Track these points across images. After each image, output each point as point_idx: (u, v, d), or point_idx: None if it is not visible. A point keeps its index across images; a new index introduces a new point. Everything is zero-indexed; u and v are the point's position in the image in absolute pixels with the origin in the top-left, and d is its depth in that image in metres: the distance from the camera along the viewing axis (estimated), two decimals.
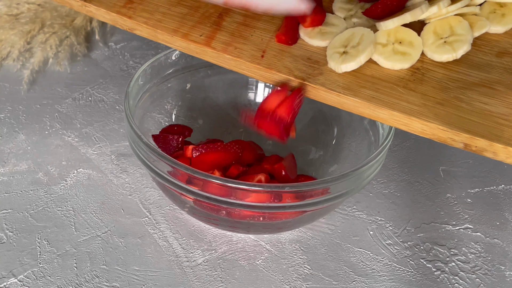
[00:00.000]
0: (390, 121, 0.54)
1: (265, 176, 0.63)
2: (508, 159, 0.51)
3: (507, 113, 0.53)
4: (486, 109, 0.53)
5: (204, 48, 0.59)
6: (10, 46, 0.89)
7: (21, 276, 0.62)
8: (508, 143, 0.50)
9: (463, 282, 0.64)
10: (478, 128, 0.52)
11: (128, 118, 0.63)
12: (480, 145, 0.51)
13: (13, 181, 0.71)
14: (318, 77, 0.56)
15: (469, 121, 0.52)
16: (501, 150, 0.51)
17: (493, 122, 0.52)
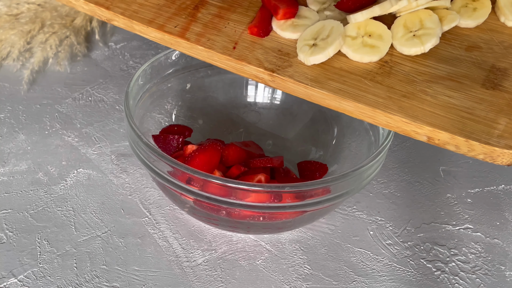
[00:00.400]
0: (356, 113, 0.54)
1: (265, 176, 0.63)
2: (470, 153, 0.51)
3: (471, 106, 0.53)
4: (450, 103, 0.53)
5: (178, 39, 0.59)
6: (10, 46, 0.89)
7: (21, 276, 0.62)
8: (470, 136, 0.51)
9: (463, 282, 0.64)
10: (441, 121, 0.52)
11: (128, 118, 0.63)
12: (442, 138, 0.52)
13: (13, 181, 0.71)
14: (287, 69, 0.56)
15: (432, 114, 0.52)
16: (462, 143, 0.51)
17: (457, 116, 0.52)
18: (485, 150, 0.50)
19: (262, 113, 0.78)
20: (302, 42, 0.57)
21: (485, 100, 0.53)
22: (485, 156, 0.51)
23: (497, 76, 0.56)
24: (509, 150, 0.50)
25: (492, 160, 0.51)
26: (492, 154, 0.50)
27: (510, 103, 0.53)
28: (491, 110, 0.53)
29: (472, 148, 0.51)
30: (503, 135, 0.50)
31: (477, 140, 0.50)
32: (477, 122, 0.51)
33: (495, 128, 0.51)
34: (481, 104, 0.53)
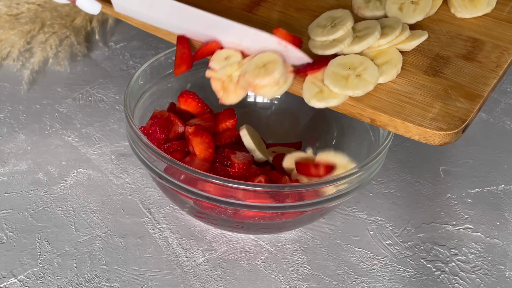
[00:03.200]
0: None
1: (265, 177, 0.63)
2: (407, 134, 0.56)
3: (411, 91, 0.58)
4: (393, 88, 0.58)
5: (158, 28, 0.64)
6: (10, 46, 0.89)
7: (21, 276, 0.62)
8: (406, 119, 0.55)
9: (463, 282, 0.64)
10: (382, 104, 0.57)
11: (128, 118, 0.63)
12: (383, 120, 0.56)
13: (13, 181, 0.71)
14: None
15: (376, 98, 0.57)
16: (400, 125, 0.56)
17: (397, 100, 0.57)
18: (419, 131, 0.55)
19: (262, 113, 0.78)
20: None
21: (425, 86, 0.58)
22: (420, 137, 0.56)
23: (440, 64, 0.60)
24: (440, 131, 0.55)
25: (426, 140, 0.56)
26: (425, 135, 0.55)
27: (446, 89, 0.58)
28: (429, 95, 0.57)
29: (408, 130, 0.56)
30: (436, 118, 0.55)
31: (412, 122, 0.55)
32: (414, 106, 0.56)
33: (430, 111, 0.56)
34: (420, 90, 0.58)
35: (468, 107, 0.56)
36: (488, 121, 0.84)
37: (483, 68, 0.60)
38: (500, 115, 0.85)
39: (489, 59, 0.61)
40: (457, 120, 0.55)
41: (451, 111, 0.56)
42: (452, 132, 0.55)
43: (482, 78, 0.59)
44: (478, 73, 0.59)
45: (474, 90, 0.58)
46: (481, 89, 0.58)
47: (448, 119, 0.55)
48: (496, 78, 0.59)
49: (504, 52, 0.61)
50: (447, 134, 0.55)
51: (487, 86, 0.58)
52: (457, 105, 0.56)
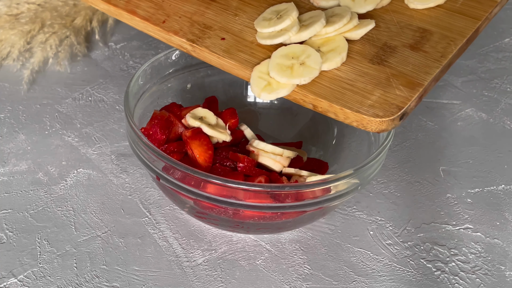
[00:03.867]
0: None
1: (265, 177, 0.63)
2: (346, 120, 0.57)
3: (354, 79, 0.59)
4: (337, 75, 0.59)
5: (121, 11, 0.68)
6: (10, 46, 0.89)
7: (21, 276, 0.62)
8: (345, 105, 0.57)
9: (463, 282, 0.64)
10: (324, 91, 0.58)
11: (128, 118, 0.63)
12: (323, 106, 0.58)
13: (13, 181, 0.71)
14: (205, 40, 0.64)
15: (319, 85, 0.58)
16: (339, 111, 0.57)
17: (339, 86, 0.58)
18: (357, 117, 0.56)
19: (262, 113, 0.78)
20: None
21: (368, 73, 0.59)
22: (358, 123, 0.57)
23: (386, 53, 0.61)
24: (376, 118, 0.55)
25: (363, 127, 0.56)
26: (362, 122, 0.56)
27: (388, 78, 0.59)
28: (371, 82, 0.58)
29: (347, 116, 0.57)
30: (374, 105, 0.56)
31: (350, 108, 0.56)
32: (354, 93, 0.57)
33: (369, 98, 0.57)
34: (363, 77, 0.59)
35: (406, 95, 0.57)
36: (488, 121, 0.84)
37: (428, 58, 0.61)
38: (500, 115, 0.85)
39: (435, 49, 0.62)
40: (394, 107, 0.56)
41: (389, 98, 0.57)
42: (388, 119, 0.56)
43: (425, 68, 0.60)
44: (422, 62, 0.60)
45: (415, 79, 0.59)
46: (422, 78, 0.59)
47: (385, 106, 0.56)
48: (438, 68, 0.60)
49: (451, 43, 0.62)
50: (383, 121, 0.56)
51: (429, 75, 0.59)
52: (397, 93, 0.57)
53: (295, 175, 0.64)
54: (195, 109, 0.67)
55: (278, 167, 0.64)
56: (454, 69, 0.93)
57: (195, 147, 0.63)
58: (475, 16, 0.66)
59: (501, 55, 0.96)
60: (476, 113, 0.85)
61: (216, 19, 0.66)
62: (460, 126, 0.83)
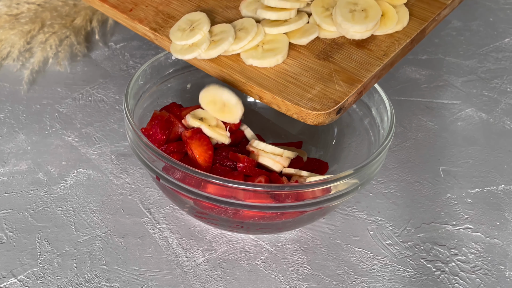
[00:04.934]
0: (212, 72, 0.64)
1: (265, 177, 0.63)
2: (288, 112, 0.60)
3: (299, 73, 0.62)
4: (283, 68, 0.62)
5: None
6: (10, 46, 0.89)
7: (21, 276, 0.62)
8: (286, 97, 0.59)
9: (463, 282, 0.64)
10: (269, 83, 0.61)
11: (128, 118, 0.63)
12: (267, 98, 0.61)
13: (13, 181, 0.71)
14: (167, 29, 0.67)
15: (266, 77, 0.62)
16: (281, 103, 0.60)
17: (284, 80, 0.61)
18: (296, 110, 0.59)
19: (262, 113, 0.78)
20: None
21: (313, 68, 0.62)
22: (298, 115, 0.59)
23: (333, 49, 0.64)
24: (313, 111, 0.58)
25: (303, 119, 0.59)
26: (301, 114, 0.59)
27: (331, 73, 0.62)
28: (314, 77, 0.61)
29: (288, 108, 0.59)
30: (313, 99, 0.59)
31: (290, 101, 0.59)
32: (297, 86, 0.60)
33: (310, 92, 0.60)
34: (307, 72, 0.62)
35: (345, 91, 0.60)
36: (488, 121, 0.84)
37: (371, 55, 0.63)
38: (500, 115, 0.85)
39: (380, 47, 0.64)
40: (332, 102, 0.59)
41: (328, 93, 0.60)
42: (324, 113, 0.58)
43: (366, 65, 0.62)
44: (365, 60, 0.63)
45: (356, 76, 0.61)
46: (362, 75, 0.61)
47: (324, 100, 0.59)
48: (379, 66, 0.62)
49: (395, 42, 0.64)
50: (320, 114, 0.58)
51: (369, 72, 0.61)
52: (336, 88, 0.60)
53: (295, 175, 0.64)
54: (196, 109, 0.67)
55: (278, 168, 0.64)
56: (454, 69, 0.93)
57: (195, 147, 0.63)
58: (423, 17, 0.67)
59: (501, 55, 0.96)
60: (476, 113, 0.85)
61: (180, 10, 0.69)
62: (460, 126, 0.83)
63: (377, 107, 0.70)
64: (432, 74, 0.92)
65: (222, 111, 0.65)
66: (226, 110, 0.64)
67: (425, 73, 0.92)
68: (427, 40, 0.99)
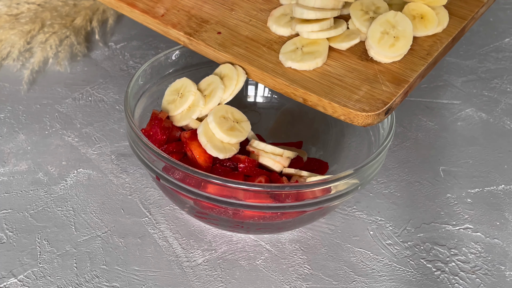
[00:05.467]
0: (251, 75, 0.64)
1: (265, 178, 0.63)
2: (334, 114, 0.59)
3: (343, 74, 0.61)
4: (327, 70, 0.62)
5: (121, 4, 0.70)
6: (10, 46, 0.89)
7: (21, 276, 0.62)
8: (333, 99, 0.59)
9: (463, 282, 0.64)
10: (313, 85, 0.61)
11: (128, 118, 0.63)
12: (312, 100, 0.60)
13: (13, 181, 0.71)
14: (202, 34, 0.67)
15: (309, 79, 0.61)
16: (327, 105, 0.59)
17: (328, 82, 0.61)
18: (344, 112, 0.59)
19: (262, 113, 0.78)
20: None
21: (357, 69, 0.62)
22: (345, 117, 0.59)
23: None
24: (362, 112, 0.58)
25: (350, 121, 0.59)
26: (349, 115, 0.59)
27: (376, 74, 0.61)
28: (359, 78, 0.61)
29: (335, 110, 0.59)
30: (360, 100, 0.59)
31: (338, 103, 0.59)
32: (343, 88, 0.60)
33: (356, 93, 0.59)
34: (351, 73, 0.62)
35: (392, 91, 0.59)
36: (488, 121, 0.84)
37: (414, 55, 0.63)
38: (500, 115, 0.85)
39: (422, 47, 0.64)
40: (380, 102, 0.58)
41: (376, 94, 0.59)
42: (374, 114, 0.58)
43: (411, 65, 0.62)
44: (409, 59, 0.62)
45: (402, 76, 0.61)
46: (408, 75, 0.61)
47: (371, 101, 0.59)
48: (424, 65, 0.62)
49: (437, 41, 0.64)
50: (369, 115, 0.58)
51: (415, 72, 0.61)
52: (383, 88, 0.60)
53: (295, 175, 0.64)
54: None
55: (278, 168, 0.64)
56: (454, 69, 0.93)
57: (195, 147, 0.63)
58: (462, 15, 0.67)
59: (501, 55, 0.96)
60: (476, 113, 0.85)
61: (213, 14, 0.69)
62: (460, 126, 0.83)
63: None
64: (432, 74, 0.92)
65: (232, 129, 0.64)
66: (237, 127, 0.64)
67: None
68: None
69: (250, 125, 0.65)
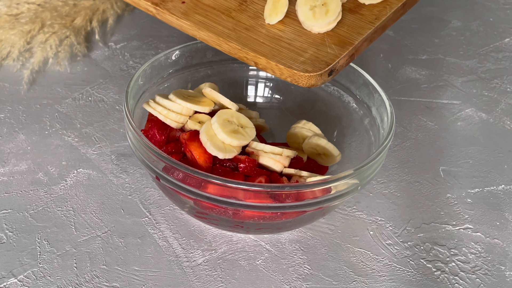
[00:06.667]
0: (210, 42, 0.66)
1: (265, 178, 0.63)
2: (282, 76, 0.61)
3: (292, 38, 0.64)
4: (278, 35, 0.64)
5: None
6: (10, 46, 0.89)
7: (21, 276, 0.62)
8: (280, 61, 0.61)
9: (463, 282, 0.64)
10: (264, 49, 0.63)
11: (128, 118, 0.63)
12: (262, 63, 0.62)
13: (13, 181, 0.71)
14: (167, 4, 0.68)
15: (260, 43, 0.63)
16: (275, 67, 0.61)
17: (278, 45, 0.63)
18: (289, 73, 0.61)
19: (262, 113, 0.78)
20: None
21: (306, 33, 0.64)
22: (291, 79, 0.61)
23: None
24: (305, 73, 0.60)
25: (296, 82, 0.61)
26: (294, 77, 0.61)
27: (323, 37, 0.64)
28: (307, 42, 0.63)
29: (282, 72, 0.61)
30: (305, 62, 0.61)
31: (284, 64, 0.61)
32: (291, 51, 0.62)
33: (302, 56, 0.62)
34: (301, 37, 0.64)
35: (336, 53, 0.62)
36: (488, 121, 0.84)
37: (363, 20, 0.65)
38: (500, 115, 0.85)
39: (372, 12, 0.66)
40: (323, 64, 0.61)
41: (320, 56, 0.62)
42: (316, 74, 0.60)
43: (358, 29, 0.64)
44: (357, 24, 0.65)
45: (347, 39, 0.63)
46: (354, 38, 0.63)
47: (316, 62, 0.61)
48: (371, 29, 0.64)
49: (387, 7, 0.66)
50: (312, 75, 0.60)
51: (360, 35, 0.63)
52: (328, 51, 0.62)
53: (295, 175, 0.64)
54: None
55: (278, 167, 0.64)
56: (454, 69, 0.93)
57: (195, 148, 0.63)
58: None
59: (501, 55, 0.96)
60: (476, 113, 0.85)
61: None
62: (460, 126, 0.83)
63: (377, 107, 0.70)
64: (432, 74, 0.92)
65: (236, 132, 0.64)
66: (241, 130, 0.64)
67: (425, 73, 0.92)
68: (427, 40, 0.99)
69: (255, 131, 0.65)
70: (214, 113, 0.66)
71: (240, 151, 0.64)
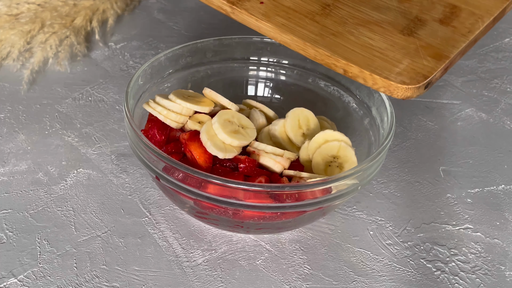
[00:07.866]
0: (293, 45, 0.64)
1: (265, 178, 0.63)
2: (374, 86, 0.60)
3: (384, 47, 0.63)
4: (368, 43, 0.63)
5: None
6: (10, 46, 0.89)
7: (21, 276, 0.62)
8: (374, 71, 0.60)
9: (463, 282, 0.64)
10: (355, 57, 0.61)
11: (128, 118, 0.63)
12: (353, 71, 0.61)
13: (13, 181, 0.71)
14: (245, 3, 0.67)
15: (351, 51, 0.62)
16: (368, 77, 0.60)
17: (370, 54, 0.62)
18: (385, 83, 0.60)
19: None
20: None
21: (398, 43, 0.63)
22: (385, 89, 0.60)
23: (416, 25, 0.65)
24: (402, 85, 0.59)
25: (390, 93, 0.60)
26: (389, 88, 0.60)
27: (417, 48, 0.63)
28: (400, 52, 0.62)
29: (375, 82, 0.60)
30: (401, 73, 0.60)
31: (379, 74, 0.60)
32: (384, 61, 0.61)
33: (397, 66, 0.61)
34: (393, 47, 0.63)
35: (433, 66, 0.61)
36: (488, 121, 0.84)
37: (456, 32, 0.64)
38: (500, 115, 0.85)
39: (463, 25, 0.65)
40: (421, 76, 0.60)
41: (417, 68, 0.60)
42: (414, 87, 0.59)
43: (452, 41, 0.63)
44: (450, 36, 0.64)
45: (442, 51, 0.62)
46: (449, 51, 0.62)
47: (412, 74, 0.60)
48: (465, 42, 0.63)
49: (479, 20, 0.66)
50: (409, 88, 0.59)
51: (455, 48, 0.63)
52: (424, 63, 0.61)
53: (295, 176, 0.64)
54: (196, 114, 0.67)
55: (279, 168, 0.64)
56: (454, 69, 0.93)
57: (195, 148, 0.63)
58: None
59: (501, 55, 0.96)
60: (476, 113, 0.85)
61: None
62: (460, 126, 0.83)
63: (377, 107, 0.70)
64: None
65: (236, 132, 0.64)
66: (241, 131, 0.64)
67: None
68: None
69: (256, 132, 0.65)
70: (214, 113, 0.66)
71: (240, 151, 0.64)
